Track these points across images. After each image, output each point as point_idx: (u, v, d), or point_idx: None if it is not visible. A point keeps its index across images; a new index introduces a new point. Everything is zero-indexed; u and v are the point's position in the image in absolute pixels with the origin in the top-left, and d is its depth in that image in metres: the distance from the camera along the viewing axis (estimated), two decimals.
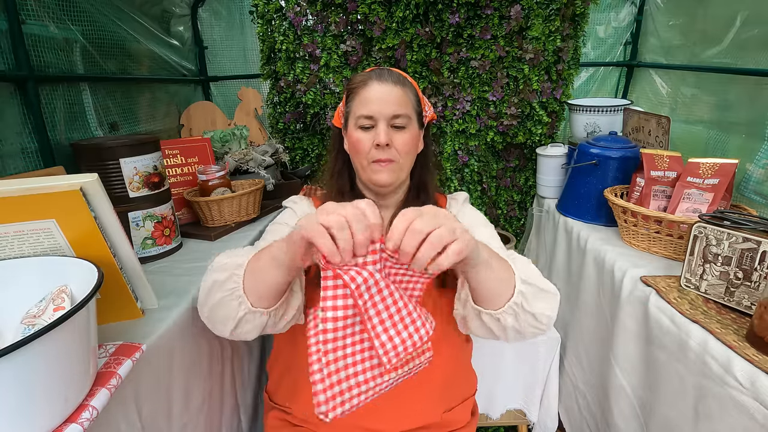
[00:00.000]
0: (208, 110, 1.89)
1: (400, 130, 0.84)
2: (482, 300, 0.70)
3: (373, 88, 0.84)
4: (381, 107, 0.83)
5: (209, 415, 0.91)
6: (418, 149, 0.92)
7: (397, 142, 0.84)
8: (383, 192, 0.91)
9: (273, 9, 1.57)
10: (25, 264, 0.63)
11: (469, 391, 0.99)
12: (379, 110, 0.83)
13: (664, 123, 1.30)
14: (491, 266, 0.64)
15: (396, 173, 0.86)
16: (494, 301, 0.68)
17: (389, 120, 0.83)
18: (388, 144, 0.83)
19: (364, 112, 0.84)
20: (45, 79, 1.08)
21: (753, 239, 0.80)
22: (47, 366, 0.46)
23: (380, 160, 0.84)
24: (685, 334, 0.82)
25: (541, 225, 1.64)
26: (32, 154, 1.03)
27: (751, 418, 0.67)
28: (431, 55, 1.57)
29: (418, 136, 0.89)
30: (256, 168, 1.50)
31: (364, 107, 0.84)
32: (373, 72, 0.86)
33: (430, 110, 0.95)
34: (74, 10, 1.19)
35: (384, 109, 0.83)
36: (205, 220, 1.25)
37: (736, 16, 1.34)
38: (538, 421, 1.47)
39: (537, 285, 0.69)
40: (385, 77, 0.85)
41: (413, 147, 0.87)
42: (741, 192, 1.24)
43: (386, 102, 0.83)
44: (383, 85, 0.83)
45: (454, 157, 1.71)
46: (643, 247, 1.14)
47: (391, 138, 0.84)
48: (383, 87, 0.83)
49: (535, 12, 1.51)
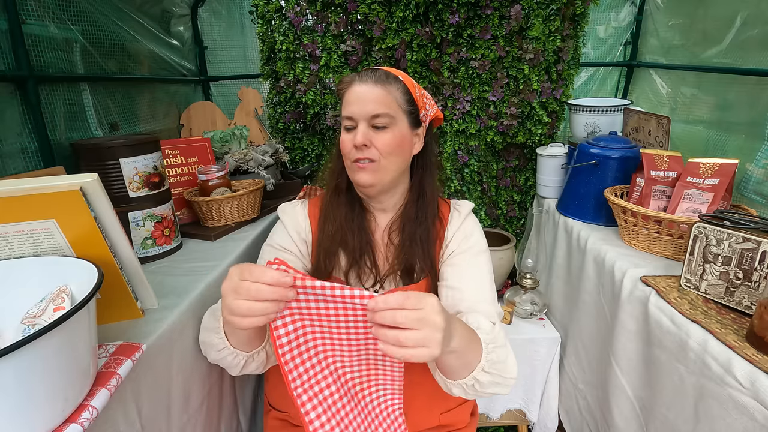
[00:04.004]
0: (208, 110, 1.89)
1: (381, 130, 0.83)
2: (438, 367, 0.72)
3: (353, 90, 0.83)
4: (359, 107, 0.82)
5: (208, 415, 0.91)
6: (414, 149, 0.90)
7: (377, 142, 0.82)
8: (368, 193, 0.89)
9: (273, 9, 1.57)
10: (25, 264, 0.63)
11: None
12: (358, 111, 0.82)
13: (664, 123, 1.30)
14: (458, 354, 0.64)
15: (378, 174, 0.84)
16: (449, 374, 0.71)
17: (369, 120, 0.82)
18: (366, 144, 0.82)
19: (345, 113, 0.84)
20: (45, 79, 1.08)
21: (753, 239, 0.80)
22: (47, 366, 0.46)
23: (359, 159, 0.83)
24: (685, 334, 0.82)
25: (541, 225, 1.64)
26: (32, 154, 1.03)
27: (751, 418, 0.67)
28: (431, 55, 1.57)
29: (407, 136, 0.86)
30: (256, 168, 1.50)
31: (346, 108, 0.84)
32: (357, 73, 0.86)
33: (432, 109, 0.92)
34: (74, 10, 1.19)
35: (362, 109, 0.82)
36: (205, 220, 1.25)
37: (736, 16, 1.34)
38: (538, 421, 1.47)
39: (498, 374, 0.71)
40: (366, 77, 0.83)
41: (398, 147, 0.84)
42: (741, 192, 1.24)
43: (364, 102, 0.82)
44: (363, 85, 0.82)
45: (454, 157, 1.71)
46: (643, 247, 1.14)
47: (371, 138, 0.82)
48: (362, 87, 0.82)
49: (535, 12, 1.51)
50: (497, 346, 0.71)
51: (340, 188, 0.90)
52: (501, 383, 0.72)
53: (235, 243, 1.17)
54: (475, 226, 0.94)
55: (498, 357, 0.71)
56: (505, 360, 0.73)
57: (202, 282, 0.92)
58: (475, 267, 0.88)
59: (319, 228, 0.91)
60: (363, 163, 0.83)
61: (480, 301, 0.83)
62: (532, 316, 1.48)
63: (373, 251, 0.90)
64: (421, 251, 0.88)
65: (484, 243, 0.93)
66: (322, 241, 0.89)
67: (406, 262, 0.88)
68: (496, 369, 0.70)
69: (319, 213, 0.92)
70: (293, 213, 0.94)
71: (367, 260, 0.89)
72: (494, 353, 0.70)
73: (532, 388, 1.45)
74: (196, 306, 0.86)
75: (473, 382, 0.69)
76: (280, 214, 0.95)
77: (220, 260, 1.04)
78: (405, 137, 0.85)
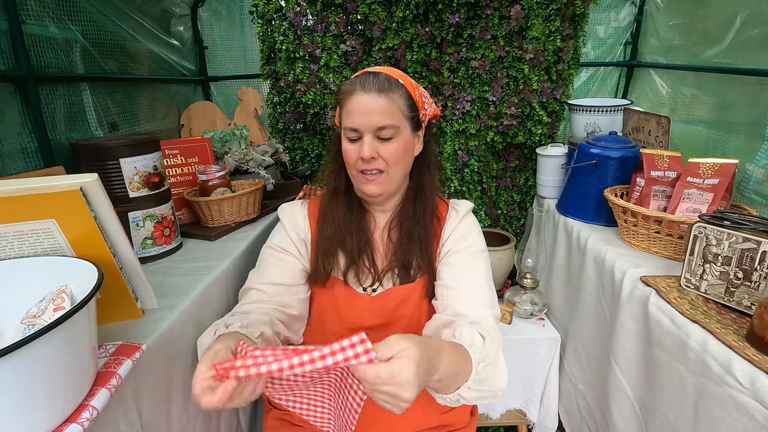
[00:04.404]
0: (208, 110, 1.89)
1: (387, 141, 0.81)
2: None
3: (356, 100, 0.80)
4: (365, 120, 0.80)
5: (208, 415, 0.91)
6: (416, 151, 0.89)
7: (384, 153, 0.81)
8: (375, 202, 0.89)
9: (273, 9, 1.57)
10: (25, 264, 0.63)
11: None
12: (363, 123, 0.80)
13: (664, 123, 1.30)
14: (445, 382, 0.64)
15: (385, 184, 0.84)
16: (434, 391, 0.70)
17: (375, 132, 0.80)
18: (374, 157, 0.81)
19: (349, 125, 0.81)
20: (45, 79, 1.08)
21: (753, 239, 0.80)
22: (47, 366, 0.46)
23: (366, 170, 0.82)
24: (685, 334, 0.82)
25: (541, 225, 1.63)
26: (32, 154, 1.03)
27: (751, 418, 0.67)
28: (431, 55, 1.57)
29: (410, 142, 0.85)
30: (256, 168, 1.50)
31: (349, 119, 0.81)
32: (357, 80, 0.81)
33: (430, 107, 0.91)
34: (74, 10, 1.19)
35: (368, 122, 0.79)
36: (205, 220, 1.25)
37: (736, 16, 1.34)
38: (538, 421, 1.47)
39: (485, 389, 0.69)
40: (369, 86, 0.80)
41: (404, 155, 0.84)
42: (741, 192, 1.24)
43: (370, 114, 0.79)
44: (367, 95, 0.79)
45: (454, 157, 1.71)
46: (643, 247, 1.14)
47: (378, 149, 0.81)
48: (367, 98, 0.79)
49: (535, 12, 1.51)
50: (488, 364, 0.70)
51: (338, 189, 0.90)
52: (488, 397, 0.71)
53: (235, 243, 1.17)
54: (473, 226, 0.93)
55: (487, 374, 0.69)
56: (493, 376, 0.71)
57: (202, 282, 0.92)
58: (473, 267, 0.87)
59: (318, 229, 0.91)
60: (371, 174, 0.82)
61: (475, 302, 0.81)
62: (532, 316, 1.48)
63: (371, 251, 0.90)
64: (418, 248, 0.88)
65: (482, 243, 0.91)
66: (321, 242, 0.89)
67: (404, 259, 0.87)
68: (483, 386, 0.69)
69: (318, 213, 0.92)
70: (293, 213, 0.94)
71: (366, 260, 0.89)
72: (484, 372, 0.68)
73: (532, 388, 1.45)
74: (196, 306, 0.87)
75: (458, 398, 0.69)
76: (281, 215, 0.95)
77: (220, 260, 1.04)
78: (408, 143, 0.85)
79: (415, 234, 0.88)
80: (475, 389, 0.68)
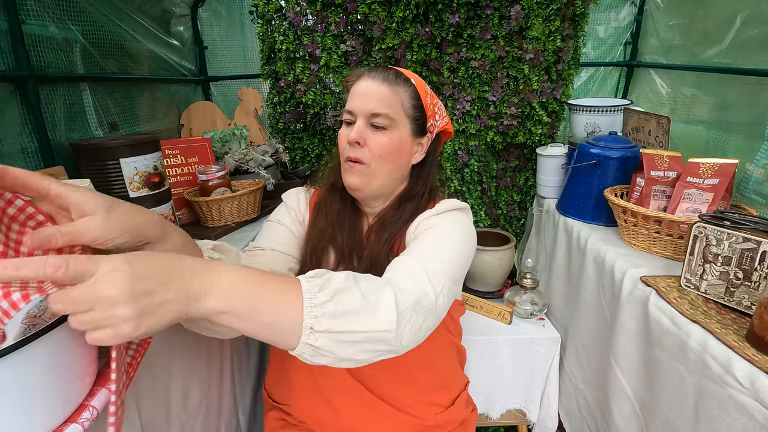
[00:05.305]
0: (208, 110, 1.89)
1: (378, 131, 0.79)
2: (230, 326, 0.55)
3: (359, 84, 0.80)
4: (360, 103, 0.79)
5: (208, 415, 0.91)
6: (414, 159, 0.86)
7: (371, 142, 0.78)
8: (356, 196, 0.86)
9: (273, 9, 1.57)
10: None
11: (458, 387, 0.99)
12: (358, 106, 0.79)
13: (664, 123, 1.30)
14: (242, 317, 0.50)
15: (366, 177, 0.80)
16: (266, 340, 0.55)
17: (368, 118, 0.78)
18: (359, 142, 0.78)
19: (347, 107, 0.81)
20: (45, 79, 1.08)
21: (753, 239, 0.80)
22: (47, 366, 0.46)
23: (349, 158, 0.80)
24: (685, 334, 0.82)
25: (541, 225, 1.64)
26: (32, 154, 1.03)
27: (751, 418, 0.67)
28: (431, 55, 1.57)
29: (406, 143, 0.82)
30: (256, 168, 1.50)
31: (348, 102, 0.81)
32: (367, 68, 0.83)
33: (442, 120, 0.88)
34: (74, 10, 1.19)
35: (363, 105, 0.78)
36: (205, 220, 1.25)
37: (736, 16, 1.34)
38: (538, 421, 1.47)
39: (350, 328, 0.53)
40: (375, 74, 0.80)
41: (392, 152, 0.80)
42: (741, 192, 1.24)
43: (367, 98, 0.78)
44: (370, 80, 0.79)
45: (454, 157, 1.71)
46: (643, 247, 1.14)
47: (367, 137, 0.78)
48: (369, 83, 0.79)
49: (535, 12, 1.51)
50: (337, 292, 0.53)
51: (336, 185, 0.90)
52: (365, 341, 0.54)
53: (235, 243, 1.16)
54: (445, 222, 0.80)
55: (343, 307, 0.52)
56: (361, 308, 0.54)
57: None
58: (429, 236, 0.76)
59: (313, 220, 0.91)
60: (352, 163, 0.81)
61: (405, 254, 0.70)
62: (532, 316, 1.48)
63: (362, 251, 0.88)
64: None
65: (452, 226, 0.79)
66: (313, 235, 0.88)
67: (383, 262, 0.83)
68: (339, 322, 0.52)
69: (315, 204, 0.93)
70: (296, 197, 0.95)
71: (356, 259, 0.87)
72: (331, 304, 0.52)
73: (532, 388, 1.45)
74: None
75: (308, 349, 0.52)
76: (285, 197, 0.95)
77: None
78: (404, 144, 0.82)
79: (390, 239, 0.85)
80: (325, 330, 0.51)
